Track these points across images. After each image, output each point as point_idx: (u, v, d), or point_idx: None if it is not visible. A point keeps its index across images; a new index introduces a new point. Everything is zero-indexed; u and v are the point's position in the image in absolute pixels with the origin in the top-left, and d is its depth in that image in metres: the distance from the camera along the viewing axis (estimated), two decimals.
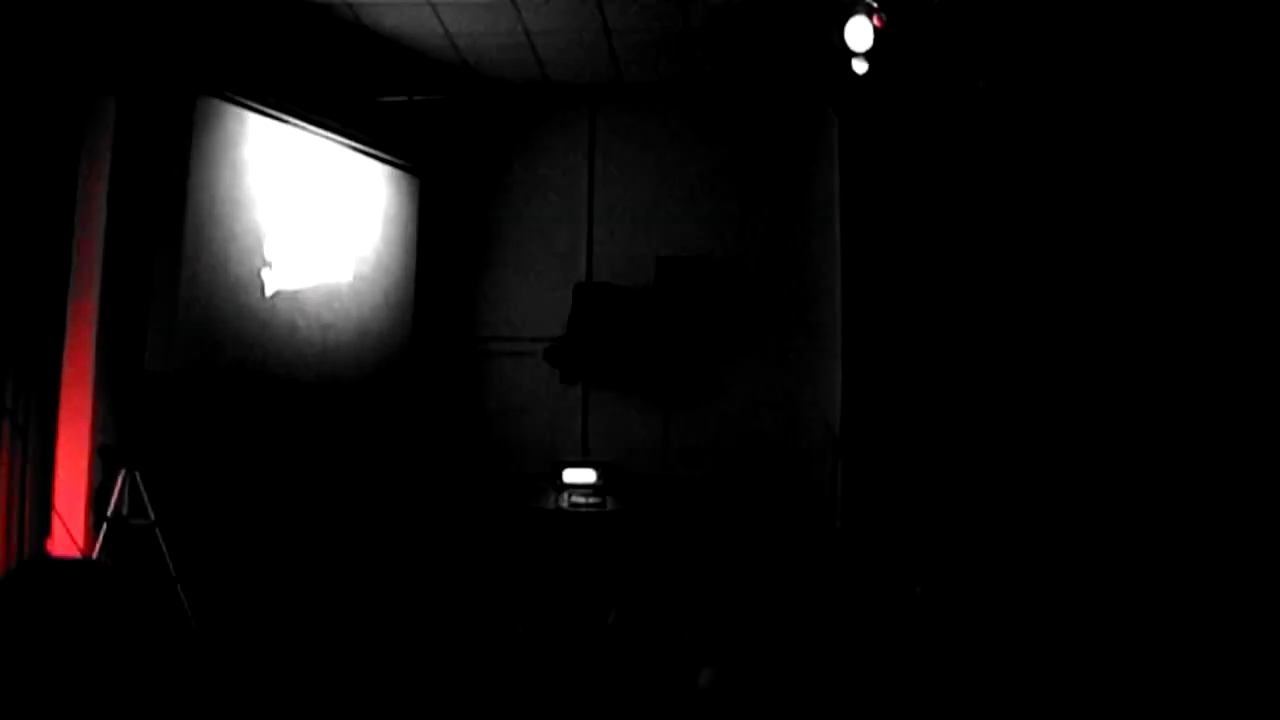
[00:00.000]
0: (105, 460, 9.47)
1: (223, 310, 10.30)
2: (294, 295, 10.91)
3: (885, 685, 4.06)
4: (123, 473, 9.32)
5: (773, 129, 12.23)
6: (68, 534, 9.01)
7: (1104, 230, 10.94)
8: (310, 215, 11.16)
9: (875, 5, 8.72)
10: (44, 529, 9.05)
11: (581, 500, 11.86)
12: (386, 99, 11.73)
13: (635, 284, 11.95)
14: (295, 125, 11.00)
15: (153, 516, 9.32)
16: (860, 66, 9.04)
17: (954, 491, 10.72)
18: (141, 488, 9.31)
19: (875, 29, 8.81)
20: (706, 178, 12.26)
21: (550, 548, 11.36)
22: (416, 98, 11.81)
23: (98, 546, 9.06)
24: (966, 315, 11.13)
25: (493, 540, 11.40)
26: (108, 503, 9.24)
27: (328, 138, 11.32)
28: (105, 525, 9.15)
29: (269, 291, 10.69)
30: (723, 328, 12.05)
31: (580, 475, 11.86)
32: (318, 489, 10.79)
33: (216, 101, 10.30)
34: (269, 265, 10.71)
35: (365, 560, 10.58)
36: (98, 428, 9.49)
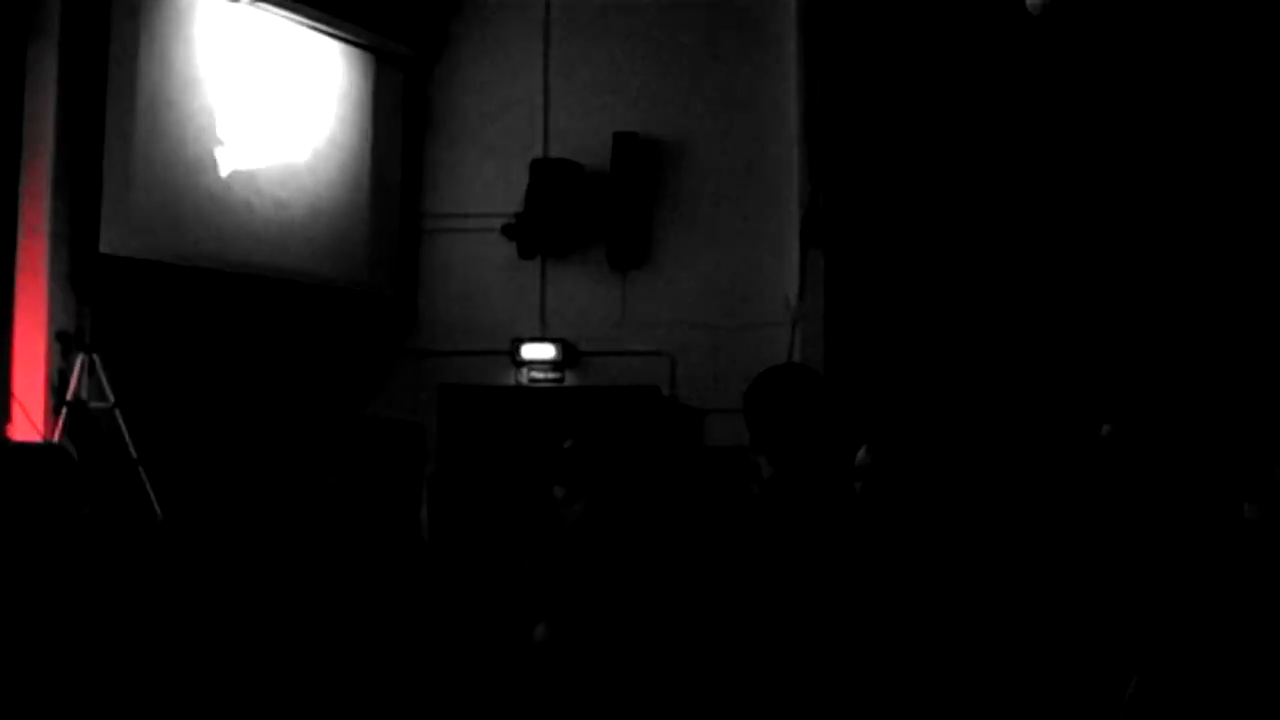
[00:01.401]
0: (63, 345, 9.50)
1: (178, 191, 10.30)
2: (250, 174, 10.88)
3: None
4: (81, 357, 9.35)
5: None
6: (27, 419, 9.08)
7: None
8: (264, 93, 11.07)
9: None
10: (3, 415, 9.11)
11: (541, 376, 11.97)
12: None
13: (592, 160, 11.92)
14: (246, 1, 10.88)
15: (112, 400, 9.37)
16: None
17: (910, 362, 10.82)
18: (100, 372, 9.35)
19: None
20: (665, 53, 12.17)
21: (511, 423, 11.49)
22: None
23: (58, 431, 9.13)
24: (934, 195, 11.13)
25: (452, 418, 11.51)
26: (67, 387, 9.29)
27: (280, 14, 11.18)
28: (65, 409, 9.21)
29: (224, 171, 10.67)
30: (681, 204, 12.08)
31: (539, 351, 11.95)
32: (273, 366, 10.83)
33: None
34: (223, 144, 10.67)
35: (316, 437, 10.62)
36: (54, 313, 9.51)
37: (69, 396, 9.25)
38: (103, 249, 9.71)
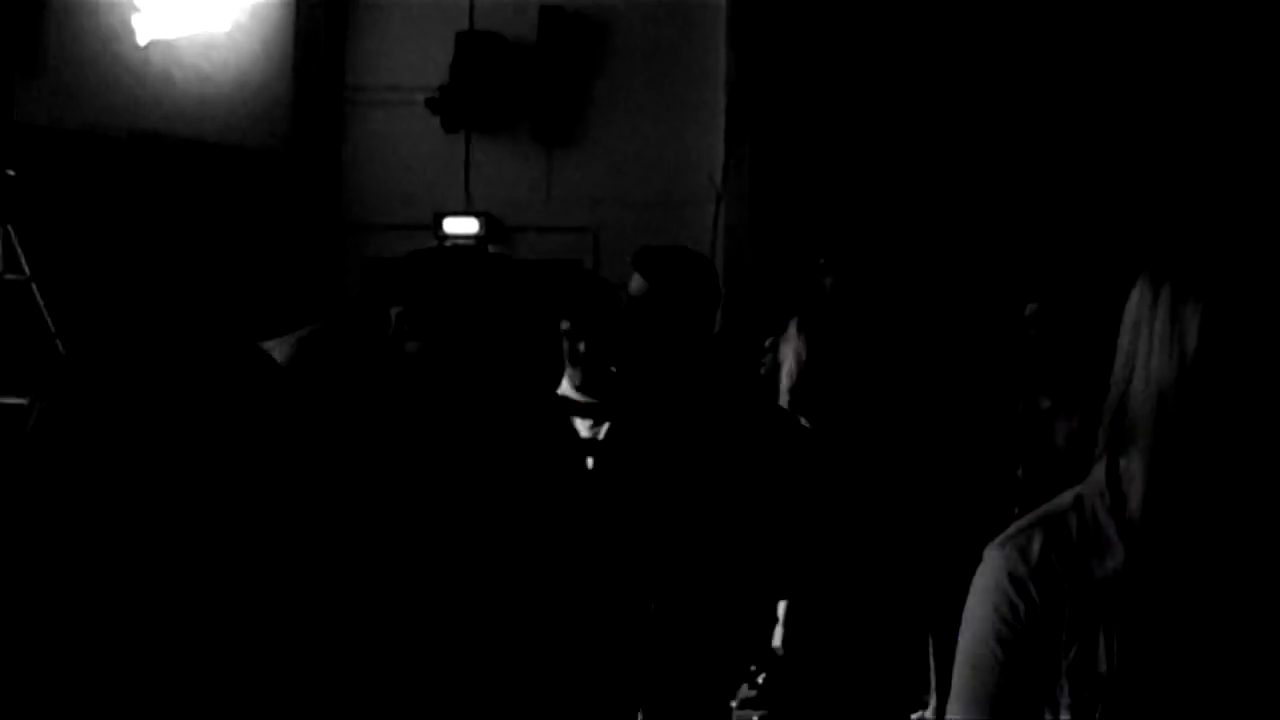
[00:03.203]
0: None
1: (95, 60, 10.18)
2: (169, 45, 10.72)
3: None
4: None
5: None
6: None
7: None
8: None
9: None
10: None
11: None
12: None
13: (519, 34, 11.81)
14: None
15: (28, 272, 9.30)
16: None
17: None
18: (15, 242, 9.25)
19: None
20: None
21: None
22: None
23: None
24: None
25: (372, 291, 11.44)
26: None
27: None
28: None
29: (143, 40, 10.51)
30: (608, 80, 12.00)
31: (462, 225, 11.88)
32: (195, 238, 10.73)
33: None
34: (139, 11, 10.49)
35: (237, 311, 10.55)
36: None
37: None
38: (17, 117, 9.59)
